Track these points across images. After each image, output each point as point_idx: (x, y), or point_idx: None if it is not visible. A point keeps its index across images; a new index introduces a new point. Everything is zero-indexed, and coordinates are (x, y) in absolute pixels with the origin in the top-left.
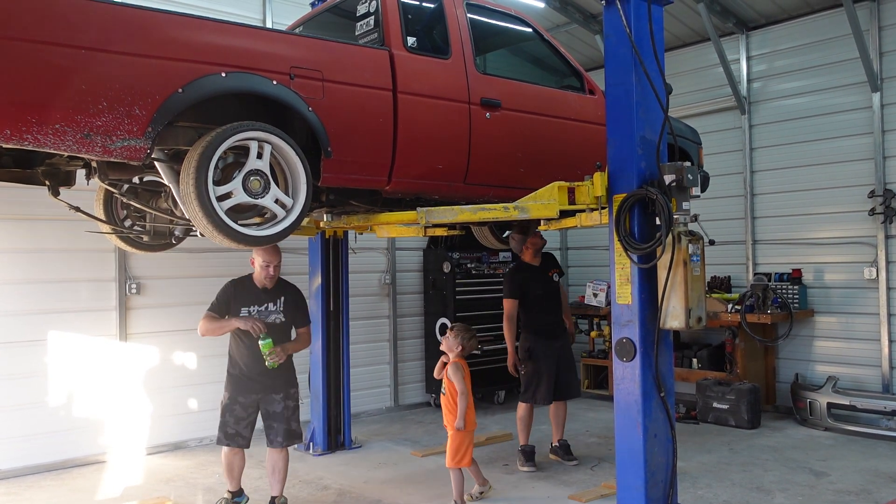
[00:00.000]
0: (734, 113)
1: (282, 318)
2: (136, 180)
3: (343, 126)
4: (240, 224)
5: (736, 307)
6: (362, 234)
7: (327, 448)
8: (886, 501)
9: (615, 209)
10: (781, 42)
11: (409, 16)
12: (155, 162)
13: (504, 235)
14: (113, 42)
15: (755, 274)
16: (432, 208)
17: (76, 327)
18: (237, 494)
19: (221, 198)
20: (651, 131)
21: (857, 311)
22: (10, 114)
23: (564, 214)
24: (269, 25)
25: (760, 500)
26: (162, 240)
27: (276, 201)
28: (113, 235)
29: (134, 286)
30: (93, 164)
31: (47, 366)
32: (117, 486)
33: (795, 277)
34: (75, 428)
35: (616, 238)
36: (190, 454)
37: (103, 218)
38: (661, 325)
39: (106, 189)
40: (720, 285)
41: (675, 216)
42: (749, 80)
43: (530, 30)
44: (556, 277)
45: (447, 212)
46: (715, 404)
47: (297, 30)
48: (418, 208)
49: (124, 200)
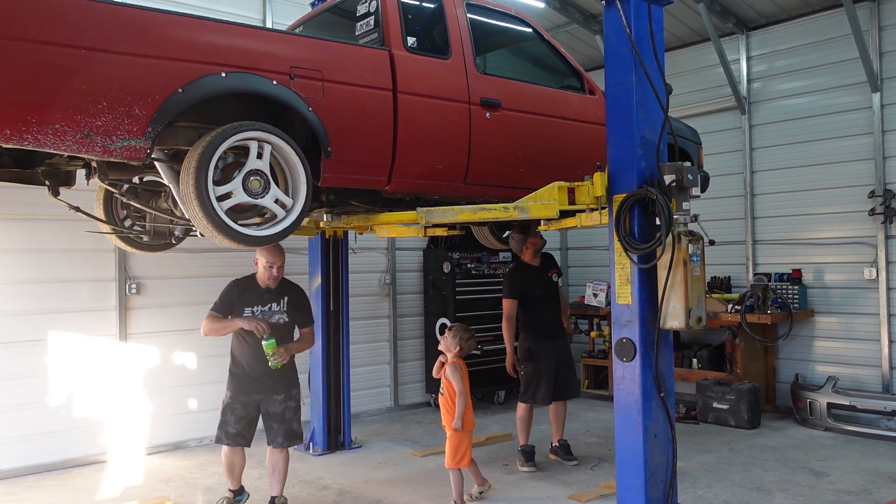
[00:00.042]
0: (734, 113)
1: (285, 319)
2: (136, 180)
3: (343, 126)
4: (240, 224)
5: (736, 307)
6: (362, 234)
7: (327, 448)
8: (886, 501)
9: (615, 209)
10: (781, 42)
11: (409, 16)
12: (155, 162)
13: (504, 235)
14: (113, 42)
15: (755, 274)
16: (432, 208)
17: (76, 327)
18: (238, 493)
19: (221, 198)
20: (651, 131)
21: (857, 312)
22: (10, 114)
23: (564, 214)
24: (269, 25)
25: (760, 500)
26: (162, 240)
27: (276, 201)
28: (113, 235)
29: (134, 286)
30: (93, 164)
31: (47, 366)
32: (117, 486)
33: (795, 277)
34: (75, 428)
35: (616, 238)
36: (190, 454)
37: (103, 218)
38: (661, 325)
39: (106, 189)
40: (720, 285)
41: (675, 216)
42: (749, 80)
43: (530, 30)
44: (556, 278)
45: (447, 212)
46: (715, 404)
47: (297, 30)
48: (418, 208)
49: (124, 200)
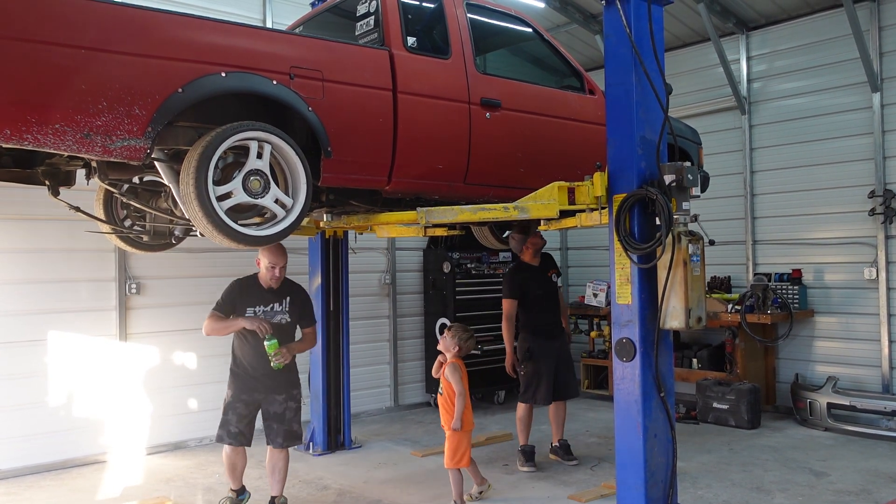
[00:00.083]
0: (734, 113)
1: (287, 319)
2: (136, 180)
3: (343, 126)
4: (240, 224)
5: (736, 307)
6: (362, 234)
7: (327, 448)
8: (886, 501)
9: (615, 209)
10: (781, 42)
11: (409, 16)
12: (155, 162)
13: (504, 235)
14: (113, 42)
15: (755, 274)
16: (432, 208)
17: (76, 327)
18: (240, 492)
19: (221, 198)
20: (651, 131)
21: (857, 312)
22: (11, 114)
23: (564, 214)
24: (269, 25)
25: (760, 500)
26: (162, 240)
27: (276, 201)
28: (113, 235)
29: (134, 286)
30: (93, 164)
31: (47, 366)
32: (117, 486)
33: (795, 277)
34: (75, 428)
35: (616, 238)
36: (190, 454)
37: (103, 218)
38: (661, 325)
39: (106, 189)
40: (720, 285)
41: (675, 216)
42: (749, 81)
43: (530, 30)
44: (555, 278)
45: (447, 212)
46: (715, 404)
47: (297, 30)
48: (418, 208)
49: (124, 200)
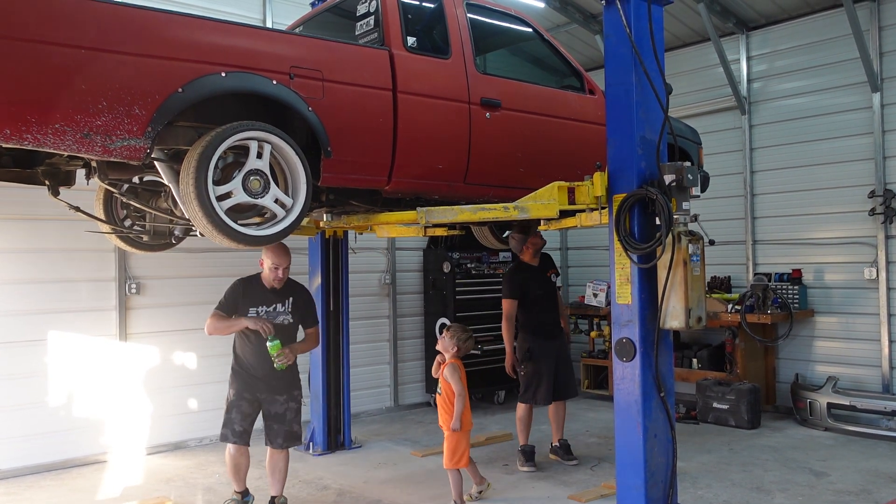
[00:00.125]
0: (734, 113)
1: (290, 320)
2: (136, 180)
3: (343, 126)
4: (239, 224)
5: (736, 307)
6: (362, 234)
7: (327, 448)
8: (886, 501)
9: (615, 209)
10: (781, 42)
11: (409, 16)
12: (155, 162)
13: (504, 235)
14: (113, 42)
15: (755, 274)
16: (432, 208)
17: (76, 327)
18: (244, 494)
19: (221, 197)
20: (651, 131)
21: (857, 312)
22: (10, 113)
23: (564, 214)
24: (269, 25)
25: (760, 500)
26: (162, 240)
27: (276, 201)
28: (113, 235)
29: (134, 286)
30: (92, 164)
31: (47, 366)
32: (117, 486)
33: (795, 277)
34: (75, 428)
35: (616, 238)
36: (190, 454)
37: (103, 218)
38: (661, 325)
39: (106, 189)
40: (720, 285)
41: (675, 216)
42: (749, 80)
43: (530, 30)
44: (554, 278)
45: (447, 212)
46: (715, 404)
47: (297, 30)
48: (418, 208)
49: (124, 200)
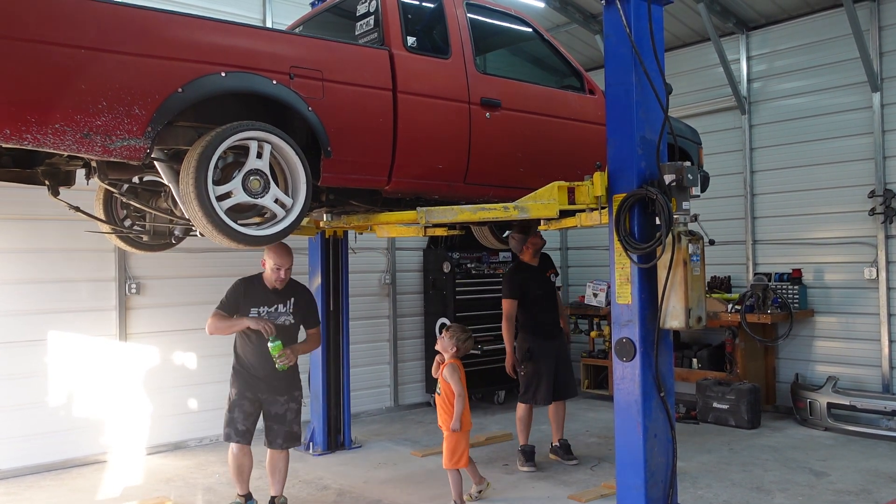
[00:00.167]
0: (734, 113)
1: (291, 321)
2: (136, 180)
3: (343, 126)
4: (239, 224)
5: (736, 307)
6: (362, 234)
7: (327, 448)
8: (886, 501)
9: (615, 209)
10: (781, 42)
11: (409, 16)
12: (154, 162)
13: (504, 235)
14: (113, 42)
15: (755, 274)
16: (432, 208)
17: (76, 327)
18: (248, 498)
19: (221, 197)
20: (651, 131)
21: (857, 311)
22: (10, 113)
23: (564, 214)
24: (269, 25)
25: (760, 500)
26: (162, 240)
27: (276, 201)
28: (113, 235)
29: (134, 286)
30: (92, 164)
31: (47, 366)
32: (117, 486)
33: (795, 277)
34: (75, 428)
35: (616, 238)
36: (190, 454)
37: (103, 218)
38: (661, 325)
39: (106, 189)
40: (720, 285)
41: (675, 216)
42: (749, 80)
43: (530, 30)
44: (553, 278)
45: (447, 212)
46: (715, 404)
47: (297, 29)
48: (418, 208)
49: (124, 200)
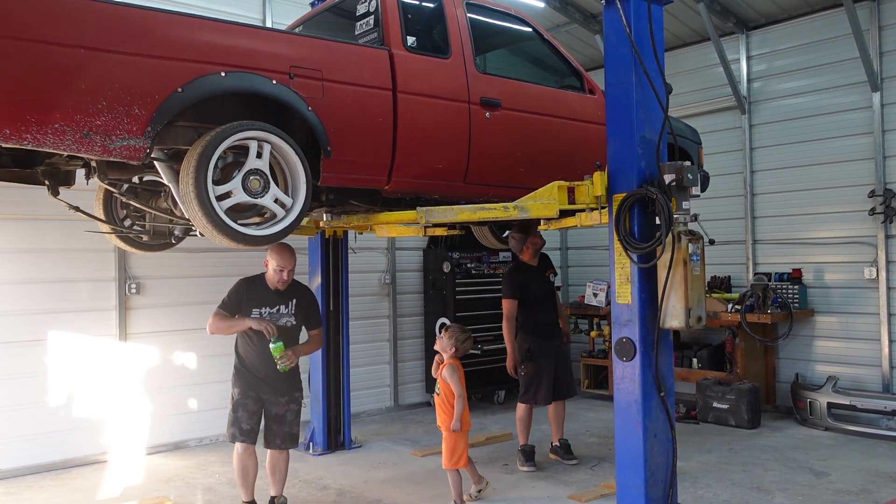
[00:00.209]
0: (734, 113)
1: (293, 322)
2: (136, 180)
3: (343, 126)
4: (239, 223)
5: (736, 307)
6: (362, 234)
7: (327, 448)
8: (886, 501)
9: (615, 209)
10: (781, 42)
11: (409, 15)
12: (154, 161)
13: (504, 235)
14: (112, 42)
15: (755, 274)
16: (432, 208)
17: (76, 327)
18: None
19: (221, 197)
20: (651, 131)
21: (857, 311)
22: (10, 113)
23: (564, 214)
24: (269, 25)
25: (760, 500)
26: (162, 239)
27: (276, 201)
28: (113, 235)
29: (134, 286)
30: (92, 164)
31: (47, 366)
32: (117, 486)
33: (795, 277)
34: (75, 428)
35: (616, 238)
36: (190, 454)
37: (103, 218)
38: (661, 325)
39: (106, 189)
40: (720, 285)
41: (675, 216)
42: (749, 80)
43: (530, 29)
44: (552, 277)
45: (447, 211)
46: (715, 404)
47: (297, 29)
48: (418, 208)
49: (124, 200)
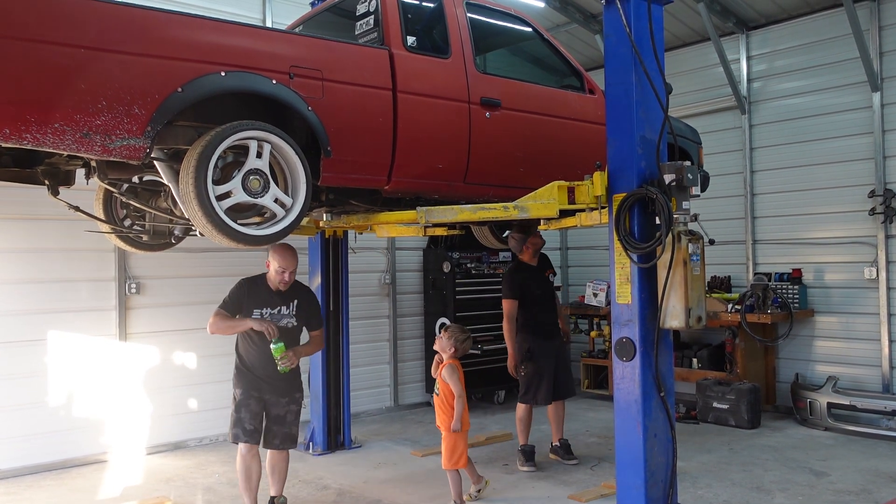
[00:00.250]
0: (734, 113)
1: (294, 323)
2: (136, 180)
3: (343, 125)
4: (239, 223)
5: (736, 307)
6: (362, 234)
7: (327, 448)
8: (886, 501)
9: (615, 209)
10: (781, 42)
11: (409, 15)
12: (154, 161)
13: (504, 235)
14: (112, 41)
15: (755, 274)
16: (432, 208)
17: (76, 327)
18: None
19: (221, 197)
20: (651, 131)
21: (857, 311)
22: (10, 113)
23: (564, 214)
24: (269, 25)
25: (760, 500)
26: (162, 239)
27: (276, 201)
28: (113, 235)
29: (134, 286)
30: (92, 164)
31: (47, 366)
32: (117, 486)
33: (795, 277)
34: (75, 428)
35: (616, 237)
36: (190, 454)
37: (103, 217)
38: (661, 325)
39: (105, 188)
40: (720, 285)
41: (675, 216)
42: (749, 80)
43: (530, 29)
44: (552, 277)
45: (447, 211)
46: (715, 404)
47: (297, 29)
48: (418, 208)
49: (124, 200)
